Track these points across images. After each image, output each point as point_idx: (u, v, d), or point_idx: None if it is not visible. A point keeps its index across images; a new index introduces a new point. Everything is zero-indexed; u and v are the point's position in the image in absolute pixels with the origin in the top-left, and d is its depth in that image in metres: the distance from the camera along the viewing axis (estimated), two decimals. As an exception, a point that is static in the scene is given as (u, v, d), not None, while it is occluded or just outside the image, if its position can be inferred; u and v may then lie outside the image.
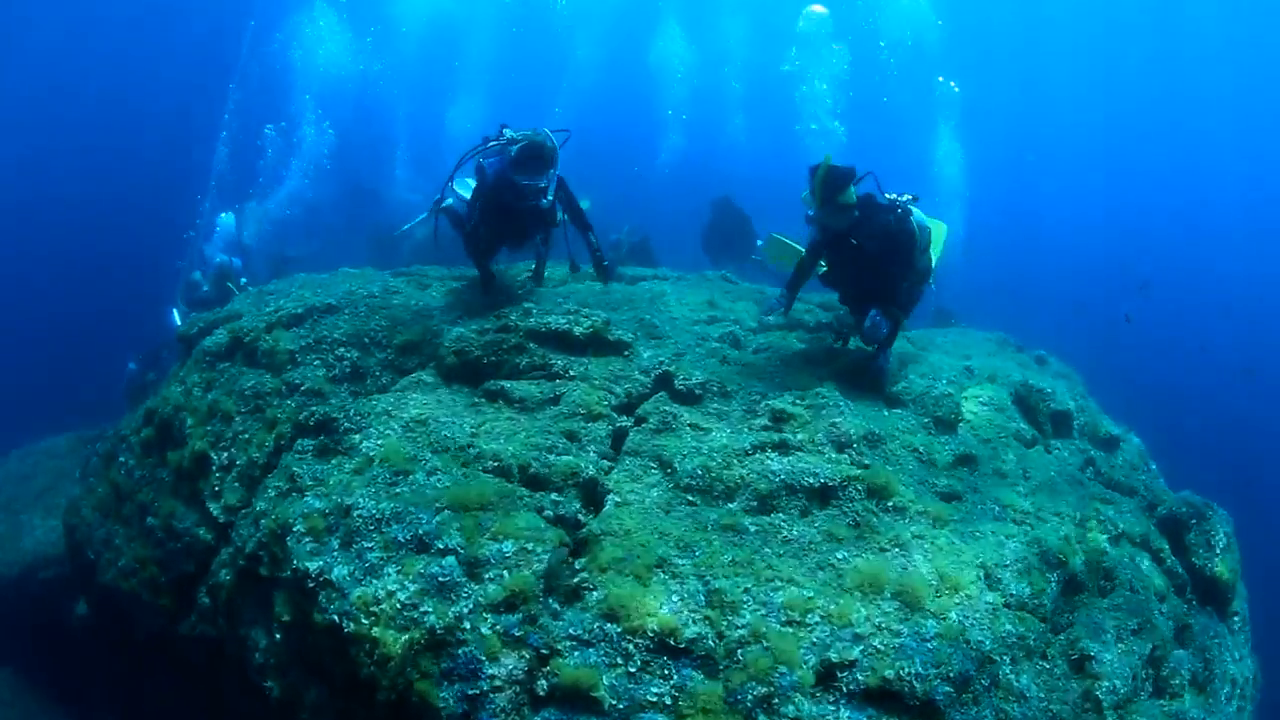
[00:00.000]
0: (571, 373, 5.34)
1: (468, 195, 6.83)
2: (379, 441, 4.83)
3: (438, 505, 4.22)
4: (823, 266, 6.35)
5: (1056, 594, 4.64)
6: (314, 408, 5.17)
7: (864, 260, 5.74)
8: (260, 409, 5.44)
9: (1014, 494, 5.14)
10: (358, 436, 4.94)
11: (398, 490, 4.39)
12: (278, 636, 4.31)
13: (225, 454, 5.32)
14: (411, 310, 6.32)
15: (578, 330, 5.58)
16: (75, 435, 10.89)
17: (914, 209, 5.77)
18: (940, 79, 17.87)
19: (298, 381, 5.52)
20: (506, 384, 5.28)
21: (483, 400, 5.35)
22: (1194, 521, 5.64)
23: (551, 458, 4.62)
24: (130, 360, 11.73)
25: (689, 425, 4.87)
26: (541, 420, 4.97)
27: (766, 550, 4.09)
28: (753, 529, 4.19)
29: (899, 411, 5.52)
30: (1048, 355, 7.88)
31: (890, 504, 4.55)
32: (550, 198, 6.24)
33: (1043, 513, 5.13)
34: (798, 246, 8.08)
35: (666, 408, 5.05)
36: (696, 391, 5.17)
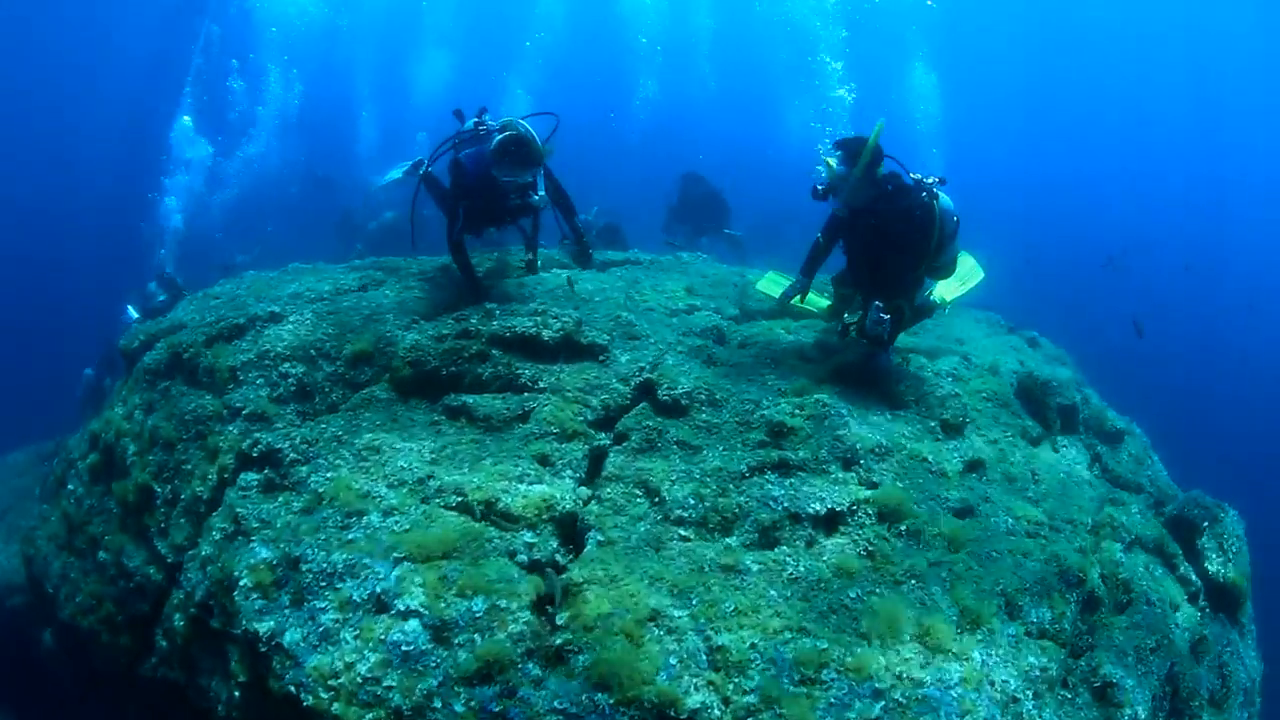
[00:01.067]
0: (541, 384, 4.75)
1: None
2: (328, 475, 4.25)
3: (396, 555, 3.67)
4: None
5: (1076, 615, 4.37)
6: (258, 434, 4.56)
7: (880, 244, 5.20)
8: (202, 435, 4.82)
9: (1025, 502, 4.78)
10: (305, 469, 4.36)
11: (350, 537, 3.83)
12: (236, 694, 3.79)
13: (169, 487, 4.77)
14: (362, 314, 5.60)
15: (546, 334, 4.97)
16: (34, 450, 10.24)
17: (941, 193, 5.22)
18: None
19: (239, 405, 4.84)
20: (469, 399, 4.69)
21: (443, 418, 4.78)
22: (1206, 524, 5.39)
23: (522, 488, 4.10)
24: (88, 365, 10.95)
25: (676, 443, 4.34)
26: (510, 442, 4.42)
27: (772, 593, 3.65)
28: (755, 568, 3.71)
29: (903, 415, 5.06)
30: (1039, 337, 7.53)
31: (903, 528, 4.14)
32: (541, 192, 5.64)
33: (1056, 521, 4.79)
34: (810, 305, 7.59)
35: (650, 422, 4.50)
36: (683, 402, 4.60)
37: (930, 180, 5.22)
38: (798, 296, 5.75)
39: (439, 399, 4.86)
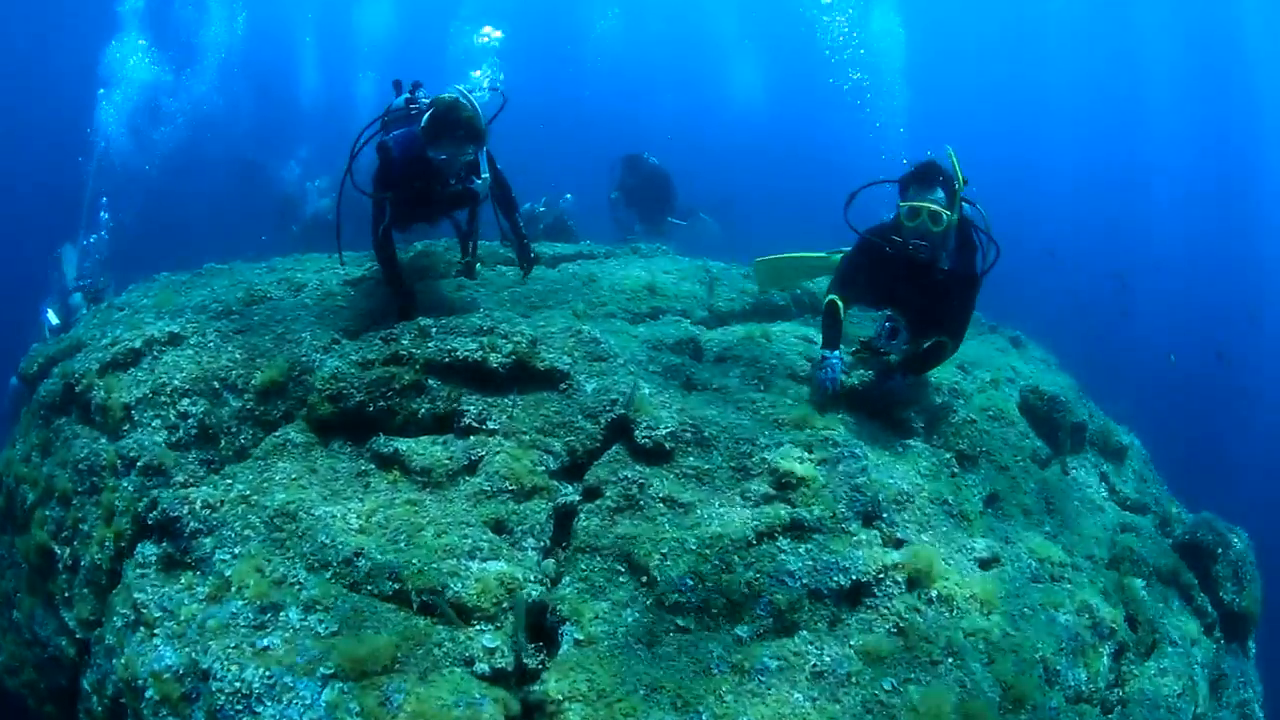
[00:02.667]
0: (491, 423, 3.81)
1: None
2: (236, 552, 3.32)
3: (324, 670, 2.78)
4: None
5: (1108, 668, 3.96)
6: (155, 492, 3.69)
7: (936, 289, 4.42)
8: (97, 489, 3.99)
9: (1045, 540, 4.33)
10: (209, 541, 3.39)
11: (266, 643, 2.93)
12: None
13: (68, 550, 4.02)
14: (275, 332, 4.56)
15: (495, 359, 4.00)
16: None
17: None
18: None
19: (133, 454, 3.92)
20: (402, 445, 3.72)
21: (372, 467, 3.86)
22: (1219, 550, 5.06)
23: (475, 567, 3.26)
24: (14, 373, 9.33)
25: (663, 500, 3.51)
26: (455, 503, 3.51)
27: (796, 696, 2.97)
28: (773, 665, 2.95)
29: (915, 447, 4.41)
30: (1022, 337, 7.05)
31: (934, 592, 3.45)
32: (486, 174, 4.58)
33: (1076, 557, 4.36)
34: (793, 256, 6.74)
35: (628, 472, 3.64)
36: (666, 445, 3.76)
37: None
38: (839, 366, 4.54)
39: (366, 440, 3.95)
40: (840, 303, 4.72)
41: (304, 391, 4.14)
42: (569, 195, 8.60)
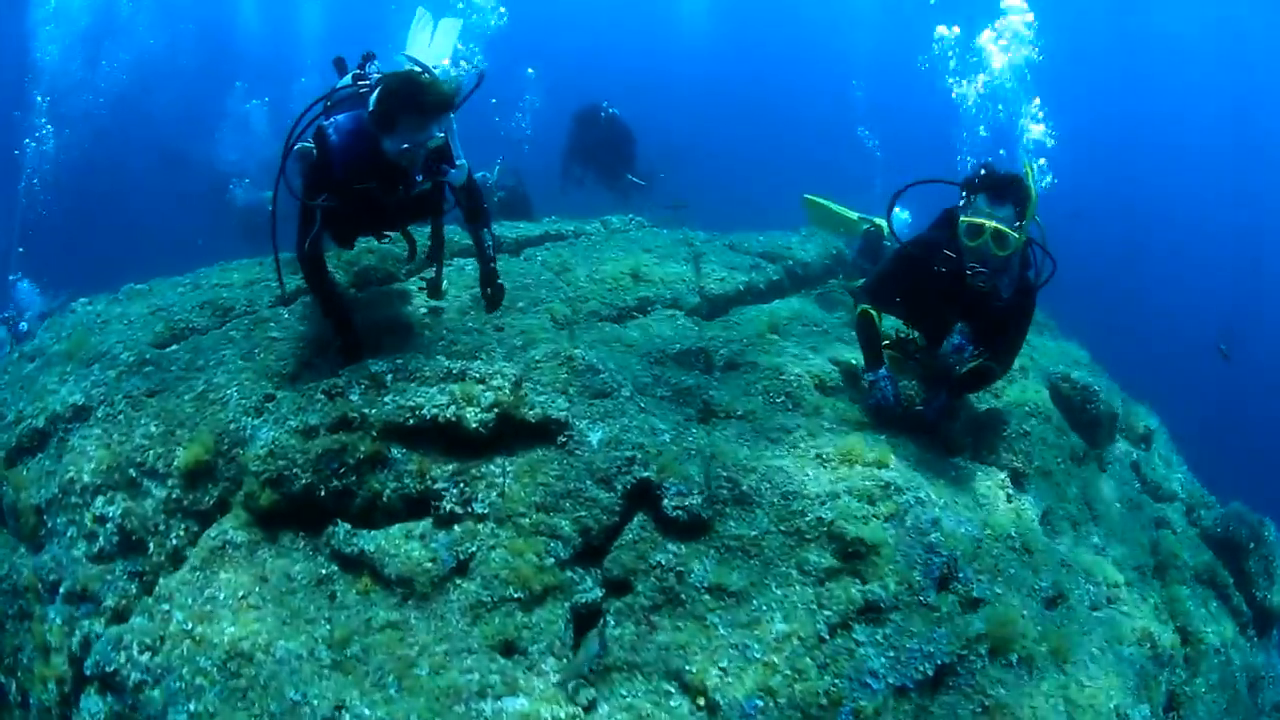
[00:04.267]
0: (478, 505, 2.90)
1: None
2: (191, 709, 2.54)
3: None
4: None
5: (1165, 696, 3.59)
6: (88, 626, 3.01)
7: (988, 313, 3.73)
8: (26, 614, 3.41)
9: (1097, 557, 3.91)
10: (157, 694, 2.59)
11: None
12: None
13: (14, 683, 3.49)
14: (195, 390, 3.52)
15: (472, 417, 3.04)
16: None
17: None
18: None
19: (53, 576, 3.22)
20: (369, 544, 2.83)
21: (335, 569, 3.01)
22: (1252, 545, 4.71)
23: (488, 711, 2.59)
24: None
25: (708, 591, 2.75)
26: (449, 621, 2.63)
27: None
28: None
29: (967, 469, 3.74)
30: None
31: (1013, 657, 2.86)
32: (462, 160, 3.45)
33: (1127, 571, 3.95)
34: (831, 206, 5.98)
35: (661, 556, 2.85)
36: (704, 514, 2.97)
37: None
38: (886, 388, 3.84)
39: (323, 530, 3.13)
40: (872, 312, 3.90)
41: (237, 471, 3.25)
42: (498, 164, 7.40)
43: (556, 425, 3.20)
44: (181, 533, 3.21)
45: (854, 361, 4.20)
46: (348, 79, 3.89)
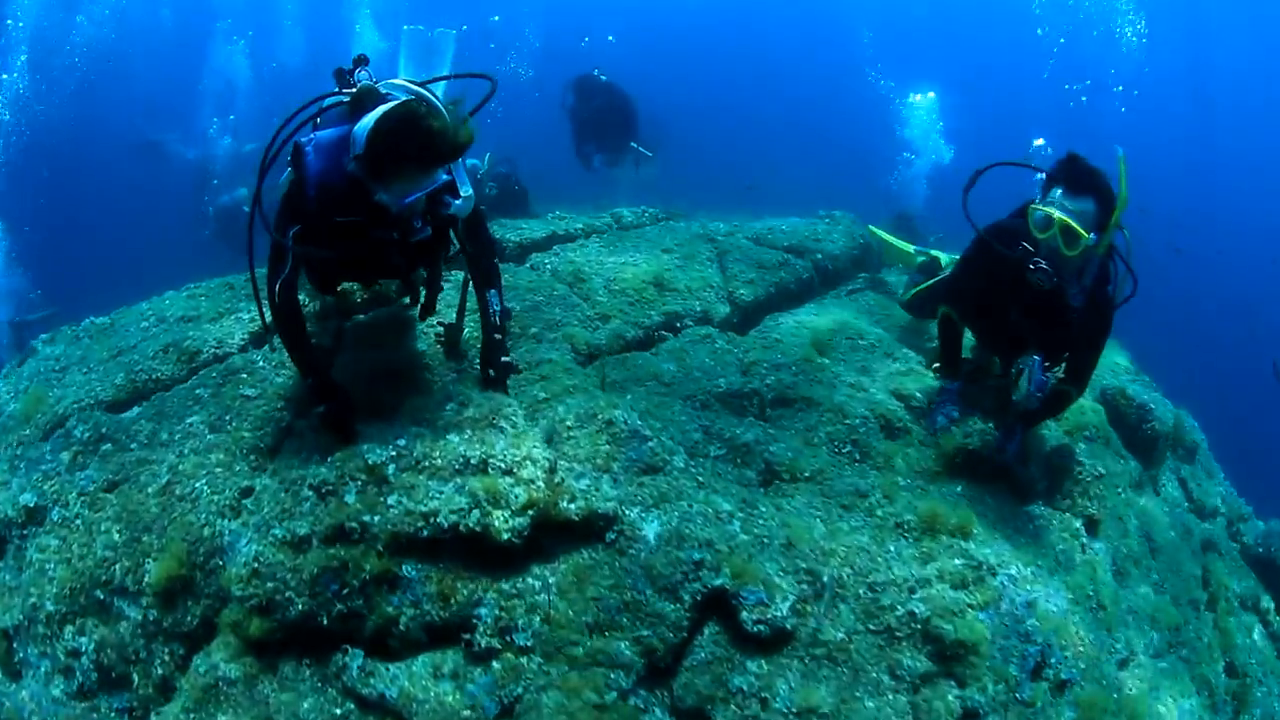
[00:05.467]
0: (520, 635, 2.26)
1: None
2: None
3: None
4: None
5: None
6: None
7: (1059, 322, 3.14)
8: None
9: (1155, 594, 3.52)
10: None
11: None
12: None
13: None
14: (159, 478, 2.80)
15: (501, 525, 2.36)
16: None
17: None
18: None
19: (35, 717, 2.61)
20: (390, 689, 2.19)
21: (352, 709, 2.39)
22: None
23: None
24: None
25: (796, 715, 2.20)
26: None
27: None
28: None
29: (1042, 519, 3.21)
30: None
31: None
32: (467, 190, 2.66)
33: (1183, 607, 3.62)
34: (884, 236, 5.29)
35: (741, 680, 2.25)
36: (787, 624, 2.37)
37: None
38: (953, 403, 3.42)
39: (328, 657, 2.47)
40: (953, 314, 3.35)
41: (217, 590, 2.57)
42: (489, 154, 6.43)
43: (603, 520, 2.53)
44: (166, 658, 2.55)
45: (915, 392, 3.57)
46: (346, 95, 2.94)
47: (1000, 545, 2.98)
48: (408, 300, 3.50)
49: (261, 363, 3.42)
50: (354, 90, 2.78)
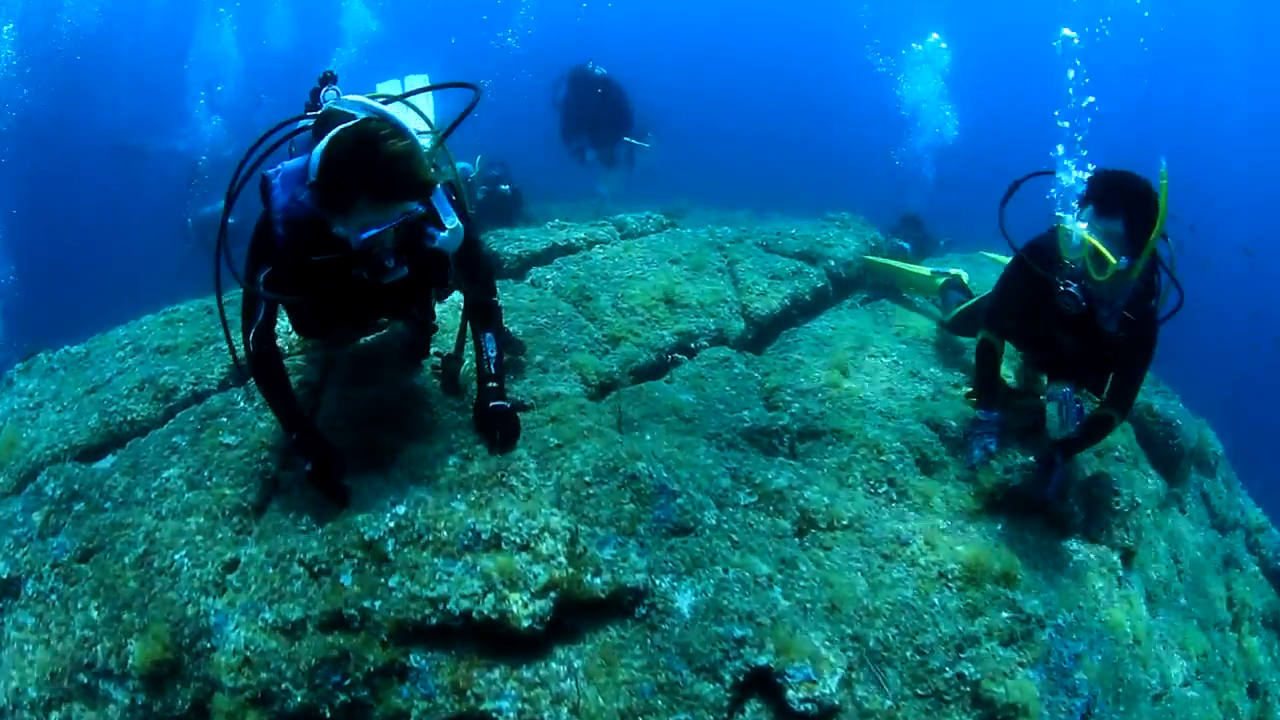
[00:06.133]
0: None
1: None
2: None
3: None
4: None
5: None
6: None
7: (1099, 344, 2.89)
8: None
9: (1183, 620, 3.33)
10: None
11: None
12: None
13: None
14: (136, 548, 2.45)
15: (519, 611, 2.05)
16: None
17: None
18: None
19: None
20: None
21: None
22: None
23: None
24: None
25: None
26: None
27: None
28: None
29: (1081, 556, 2.99)
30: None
31: None
32: (453, 221, 2.29)
33: (1211, 631, 3.47)
34: (892, 264, 4.77)
35: None
36: (834, 698, 2.10)
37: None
38: (992, 436, 3.13)
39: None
40: (996, 342, 3.09)
41: (206, 674, 2.23)
42: (480, 155, 5.98)
43: (632, 595, 2.22)
44: (159, 744, 2.23)
45: (949, 420, 3.28)
46: (329, 101, 2.56)
47: (1045, 592, 2.76)
48: (404, 330, 3.13)
49: (242, 403, 3.06)
50: (319, 113, 2.41)
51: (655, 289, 4.02)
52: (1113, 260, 2.60)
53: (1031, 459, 3.03)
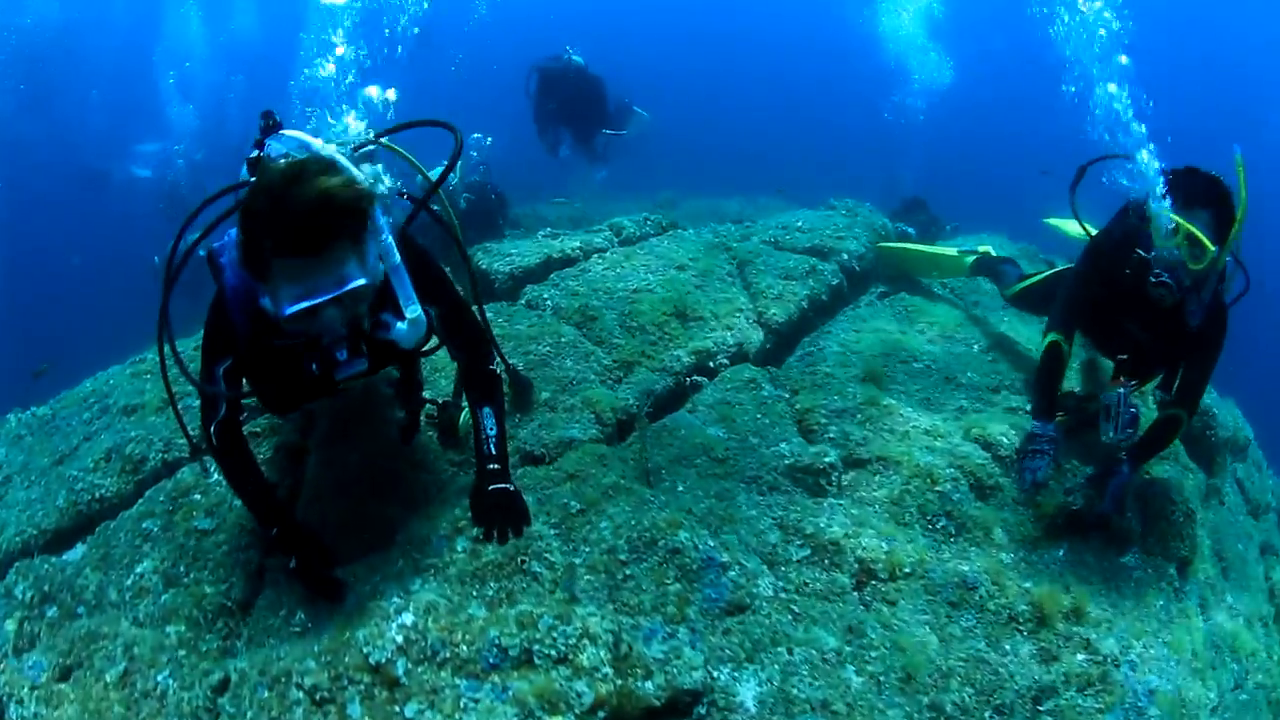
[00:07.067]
0: None
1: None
2: None
3: None
4: None
5: None
6: None
7: (1174, 337, 2.63)
8: None
9: (1230, 619, 3.03)
10: None
11: None
12: None
13: None
14: (116, 668, 2.04)
15: None
16: None
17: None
18: None
19: None
20: None
21: None
22: None
23: None
24: None
25: None
26: None
27: None
28: None
29: (1138, 571, 2.69)
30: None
31: None
32: (413, 309, 1.85)
33: (1255, 628, 3.20)
34: (917, 249, 4.39)
35: None
36: None
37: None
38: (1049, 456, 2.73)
39: None
40: (1065, 344, 2.79)
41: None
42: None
43: (688, 698, 1.85)
44: None
45: (999, 436, 2.92)
46: (276, 147, 2.06)
47: (1115, 621, 2.48)
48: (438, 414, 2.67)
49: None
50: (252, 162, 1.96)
51: (664, 302, 3.60)
52: (1211, 247, 2.40)
53: (1091, 471, 2.71)
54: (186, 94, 10.29)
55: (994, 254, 3.98)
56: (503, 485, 2.02)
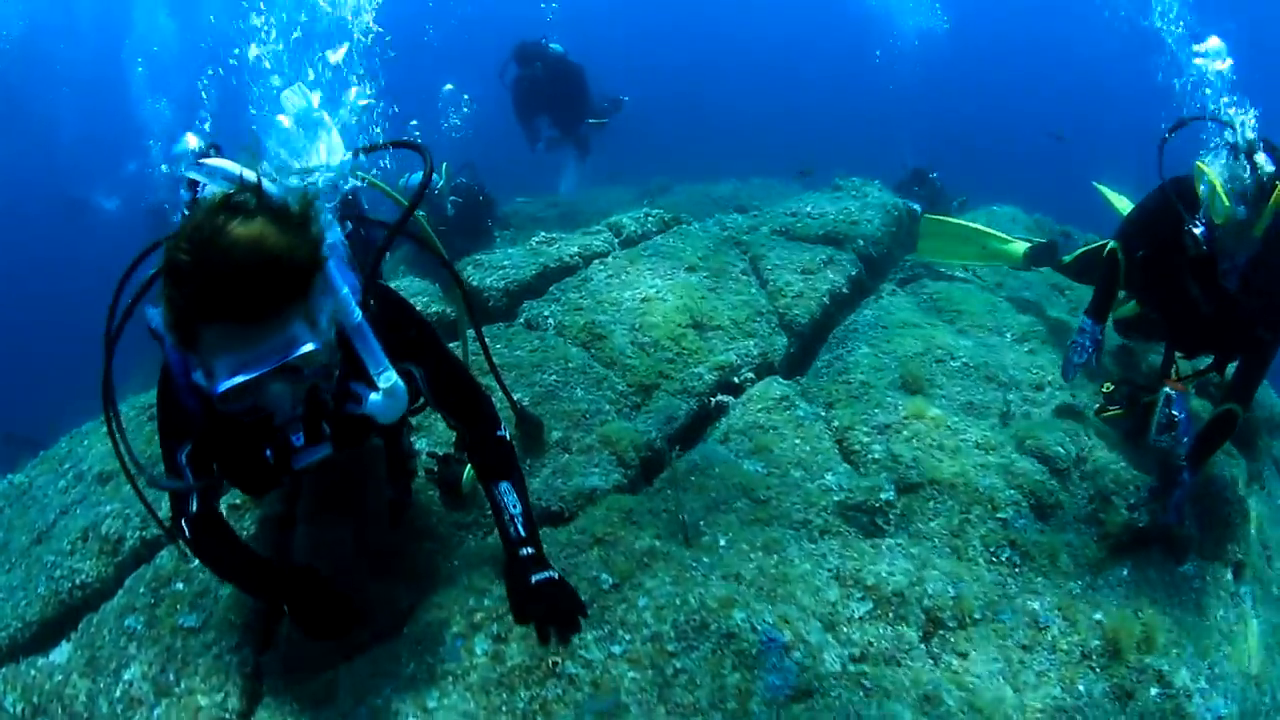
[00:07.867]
0: None
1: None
2: None
3: None
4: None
5: None
6: None
7: (1231, 320, 2.50)
8: None
9: (1276, 612, 2.78)
10: None
11: None
12: None
13: None
14: None
15: None
16: None
17: None
18: None
19: None
20: None
21: None
22: None
23: None
24: None
25: None
26: None
27: None
28: None
29: (1196, 581, 2.53)
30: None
31: None
32: (387, 376, 1.48)
33: None
34: (968, 225, 3.98)
35: None
36: None
37: None
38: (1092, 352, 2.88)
39: None
40: (1122, 258, 2.86)
41: None
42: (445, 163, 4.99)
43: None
44: None
45: (1054, 446, 2.62)
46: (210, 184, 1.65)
47: (1183, 645, 2.26)
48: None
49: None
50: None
51: (678, 311, 3.24)
52: (1226, 202, 2.36)
53: (1152, 482, 2.45)
54: (158, 88, 9.65)
55: (1057, 245, 3.64)
56: (547, 574, 1.70)
